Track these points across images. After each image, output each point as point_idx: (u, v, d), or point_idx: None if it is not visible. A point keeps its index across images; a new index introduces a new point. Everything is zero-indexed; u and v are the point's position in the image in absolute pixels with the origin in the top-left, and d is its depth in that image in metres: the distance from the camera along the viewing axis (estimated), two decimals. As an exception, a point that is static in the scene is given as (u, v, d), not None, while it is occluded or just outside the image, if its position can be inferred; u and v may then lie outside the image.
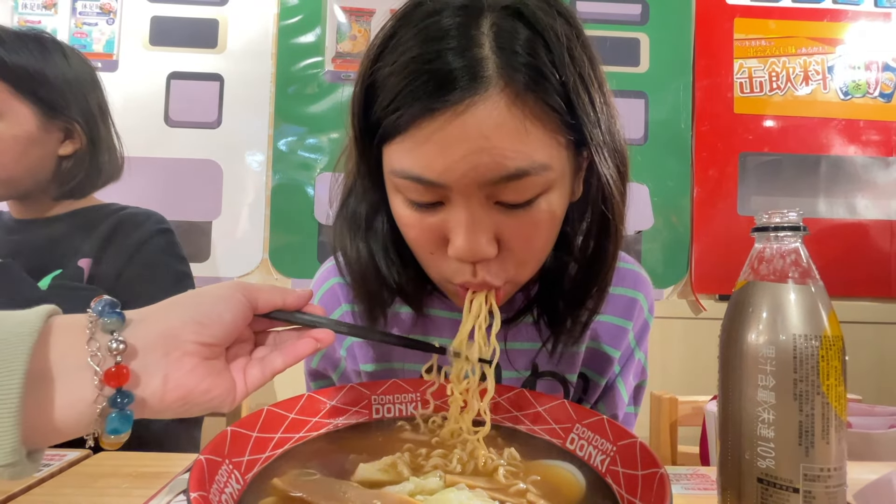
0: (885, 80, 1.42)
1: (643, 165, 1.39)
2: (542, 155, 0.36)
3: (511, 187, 0.36)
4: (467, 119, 0.34)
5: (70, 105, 0.70)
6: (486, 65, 0.35)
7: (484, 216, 0.37)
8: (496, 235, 0.38)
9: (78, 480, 0.43)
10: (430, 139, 0.35)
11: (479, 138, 0.34)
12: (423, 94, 0.34)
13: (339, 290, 0.55)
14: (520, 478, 0.33)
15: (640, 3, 1.41)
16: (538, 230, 0.39)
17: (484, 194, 0.37)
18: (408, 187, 0.38)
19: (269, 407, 0.36)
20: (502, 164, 0.35)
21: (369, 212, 0.47)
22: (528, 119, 0.35)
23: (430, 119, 0.35)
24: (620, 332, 0.52)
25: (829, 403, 0.31)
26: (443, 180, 0.36)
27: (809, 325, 0.31)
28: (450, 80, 0.34)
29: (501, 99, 0.34)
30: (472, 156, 0.35)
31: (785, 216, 0.33)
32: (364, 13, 1.40)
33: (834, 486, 0.31)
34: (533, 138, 0.36)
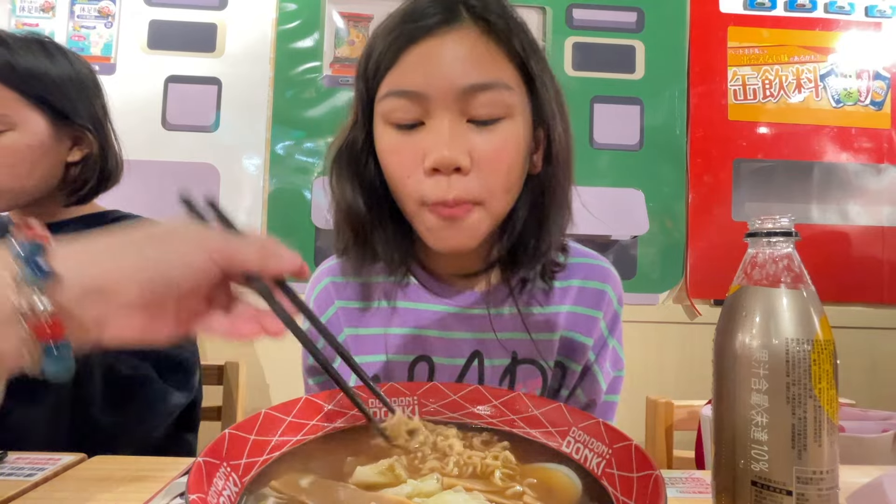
0: (877, 89, 1.44)
1: (638, 171, 1.41)
2: (504, 78, 0.45)
3: (480, 100, 0.44)
4: (444, 43, 0.44)
5: (78, 110, 0.70)
6: (459, 10, 0.45)
7: (459, 131, 0.44)
8: (469, 151, 0.44)
9: (72, 484, 0.43)
10: (414, 62, 0.44)
11: (453, 57, 0.44)
12: (407, 32, 0.45)
13: (332, 288, 0.57)
14: (516, 480, 0.33)
15: (636, 10, 1.43)
16: (503, 152, 0.45)
17: (458, 108, 0.44)
18: (394, 108, 0.45)
19: (266, 410, 0.37)
20: (473, 75, 0.44)
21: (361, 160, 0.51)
22: (493, 50, 0.45)
23: (413, 47, 0.44)
24: (591, 322, 0.56)
25: (822, 407, 0.31)
26: (425, 90, 0.44)
27: (801, 330, 0.32)
28: (428, 17, 0.45)
29: (471, 31, 0.45)
30: (448, 69, 0.44)
31: (777, 222, 0.34)
32: (362, 19, 1.40)
33: (826, 488, 0.31)
34: (498, 64, 0.45)
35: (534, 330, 0.53)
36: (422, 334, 0.54)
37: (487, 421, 0.41)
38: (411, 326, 0.54)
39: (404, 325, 0.54)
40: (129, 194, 0.78)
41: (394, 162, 0.47)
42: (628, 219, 1.39)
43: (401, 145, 0.46)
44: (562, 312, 0.55)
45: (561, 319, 0.55)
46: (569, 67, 1.41)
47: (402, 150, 0.46)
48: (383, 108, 0.46)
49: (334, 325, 0.55)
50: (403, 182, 0.46)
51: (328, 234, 1.39)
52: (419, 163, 0.45)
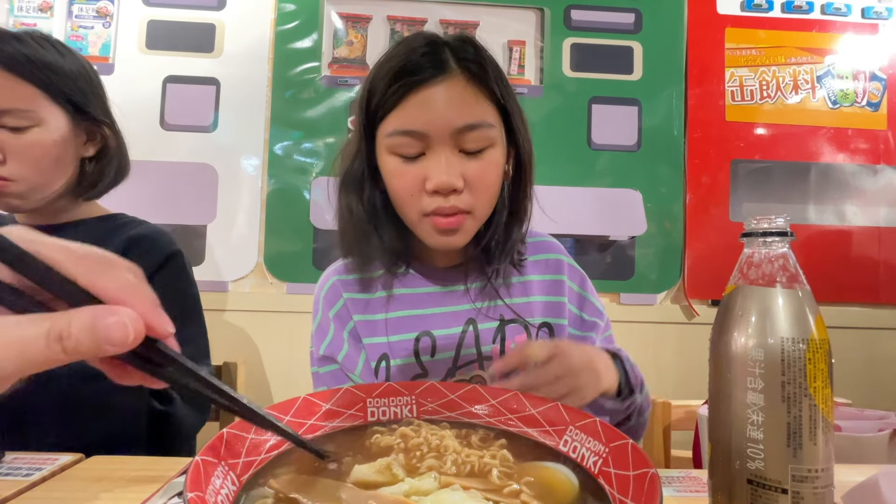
0: (873, 90, 1.45)
1: (636, 172, 1.41)
2: (489, 118, 0.57)
3: (471, 136, 0.56)
4: (438, 90, 0.55)
5: (93, 105, 0.70)
6: (448, 62, 0.56)
7: (454, 160, 0.56)
8: (462, 175, 0.56)
9: (70, 484, 0.43)
10: (415, 106, 0.55)
11: (448, 103, 0.55)
12: (407, 82, 0.55)
13: (339, 284, 0.66)
14: (514, 479, 0.33)
15: (634, 11, 1.43)
16: (487, 175, 0.58)
17: (453, 143, 0.56)
18: (399, 143, 0.56)
19: (264, 410, 0.37)
20: (465, 117, 0.55)
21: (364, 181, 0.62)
22: (478, 94, 0.57)
23: (413, 94, 0.55)
24: (558, 284, 0.68)
25: (817, 405, 0.31)
26: (426, 129, 0.55)
27: (797, 329, 0.32)
28: (425, 70, 0.55)
29: (460, 80, 0.56)
30: (444, 113, 0.55)
31: (773, 222, 0.34)
32: (361, 19, 1.41)
33: (822, 486, 0.31)
34: (482, 106, 0.57)
35: (512, 296, 0.65)
36: (421, 314, 0.64)
37: (485, 420, 0.42)
38: (409, 309, 0.64)
39: (404, 308, 0.64)
40: (128, 195, 0.78)
41: (400, 184, 0.58)
42: (626, 219, 1.40)
43: (406, 171, 0.57)
44: (532, 281, 0.67)
45: (532, 287, 0.67)
46: (567, 68, 1.41)
47: (407, 175, 0.57)
48: (390, 142, 0.57)
49: (344, 315, 0.64)
50: (407, 200, 0.58)
51: (327, 234, 1.39)
52: (421, 185, 0.56)
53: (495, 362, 0.50)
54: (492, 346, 0.63)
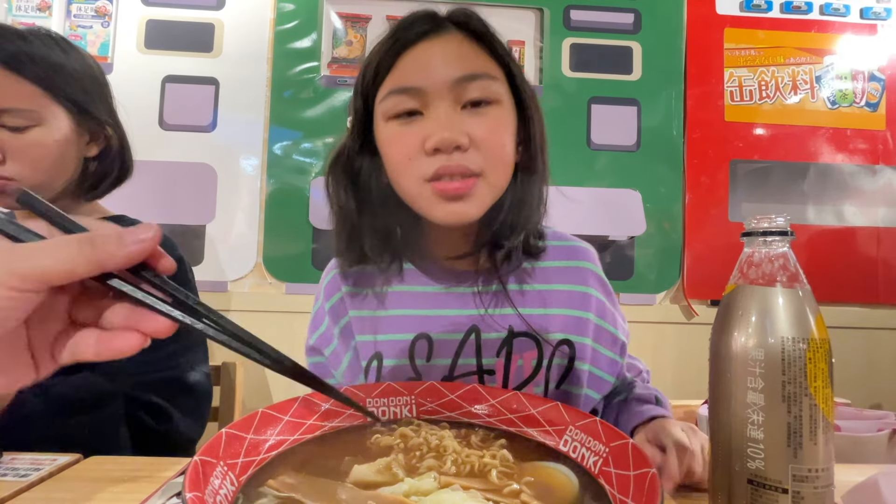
0: (872, 90, 1.45)
1: (636, 172, 1.41)
2: (491, 71, 0.52)
3: (471, 88, 0.50)
4: (434, 46, 0.51)
5: (97, 105, 0.69)
6: (444, 22, 0.53)
7: (455, 116, 0.50)
8: (467, 132, 0.49)
9: (68, 485, 0.43)
10: (411, 63, 0.51)
11: (444, 55, 0.51)
12: (401, 39, 0.51)
13: (339, 277, 0.61)
14: (514, 479, 0.33)
15: (633, 12, 1.44)
16: (495, 131, 0.51)
17: (453, 97, 0.50)
18: (394, 104, 0.51)
19: (263, 409, 0.36)
20: (463, 67, 0.50)
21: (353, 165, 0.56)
22: (477, 50, 0.52)
23: (408, 51, 0.51)
24: (583, 298, 0.60)
25: (817, 405, 0.31)
26: (422, 84, 0.50)
27: (797, 328, 0.32)
28: (419, 28, 0.52)
29: (457, 35, 0.52)
30: (441, 65, 0.50)
31: (773, 221, 0.34)
32: (360, 19, 1.41)
33: (822, 486, 0.31)
34: (483, 60, 0.52)
35: (526, 306, 0.57)
36: (419, 314, 0.58)
37: (485, 420, 0.41)
38: (408, 308, 0.58)
39: (401, 307, 0.58)
40: (126, 195, 0.77)
41: (397, 148, 0.51)
42: (625, 219, 1.40)
43: (403, 134, 0.51)
44: (553, 290, 0.59)
45: (553, 297, 0.59)
46: (566, 68, 1.41)
47: (405, 137, 0.51)
48: (384, 106, 0.51)
49: (340, 309, 0.60)
50: (405, 164, 0.51)
51: (326, 234, 1.39)
52: (420, 146, 0.50)
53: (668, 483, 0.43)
54: (496, 360, 0.56)
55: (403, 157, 0.51)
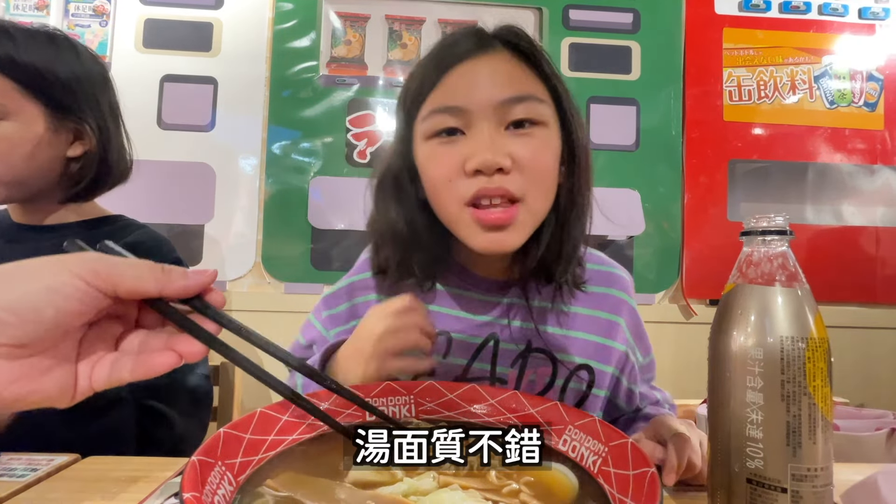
0: (870, 90, 1.46)
1: (634, 171, 1.41)
2: (538, 93, 0.50)
3: (518, 109, 0.48)
4: (481, 65, 0.50)
5: (80, 105, 0.68)
6: (491, 40, 0.52)
7: (498, 137, 0.48)
8: (509, 154, 0.47)
9: (66, 485, 0.43)
10: (455, 82, 0.50)
11: (491, 75, 0.49)
12: (447, 57, 0.50)
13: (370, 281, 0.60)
14: (513, 478, 0.33)
15: (632, 11, 1.44)
16: (539, 155, 0.49)
17: (497, 119, 0.48)
18: (436, 123, 0.49)
19: (262, 409, 0.36)
20: (509, 89, 0.49)
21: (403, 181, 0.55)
22: (524, 70, 0.51)
23: (453, 70, 0.50)
24: (613, 327, 0.59)
25: (816, 404, 0.31)
26: (466, 104, 0.48)
27: (796, 328, 0.32)
28: (466, 45, 0.51)
29: (504, 55, 0.51)
30: (487, 86, 0.49)
31: (772, 220, 0.34)
32: (359, 18, 1.40)
33: (821, 485, 0.31)
34: (529, 81, 0.51)
35: (548, 324, 0.57)
36: (444, 312, 0.58)
37: (484, 419, 0.41)
38: (435, 304, 0.58)
39: (427, 301, 0.57)
40: (124, 194, 0.77)
41: (436, 168, 0.50)
42: (624, 219, 1.40)
43: (443, 154, 0.49)
44: (579, 314, 0.58)
45: (578, 321, 0.58)
46: (565, 68, 1.41)
47: (445, 157, 0.49)
48: (426, 125, 0.50)
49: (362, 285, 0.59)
50: (445, 186, 0.49)
51: (325, 234, 1.38)
52: (461, 167, 0.48)
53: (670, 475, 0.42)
54: (509, 370, 0.56)
55: (443, 178, 0.49)
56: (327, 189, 1.35)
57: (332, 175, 1.36)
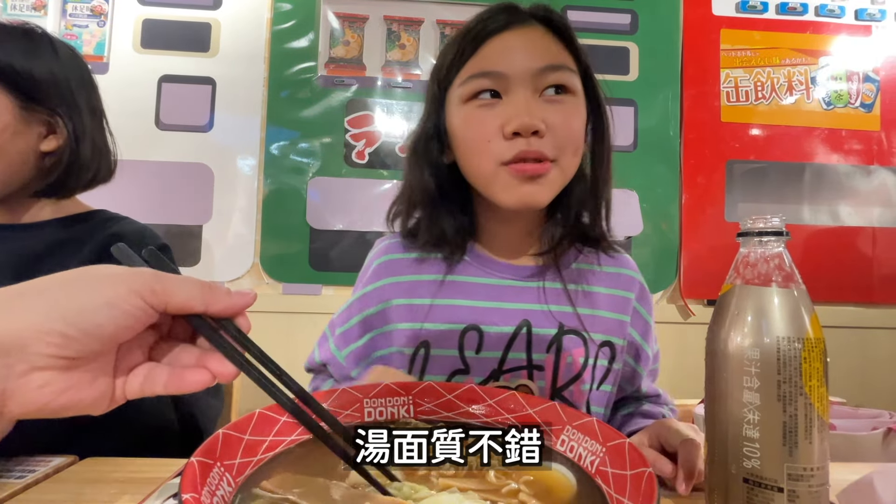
0: (866, 91, 1.46)
1: (633, 172, 1.42)
2: (570, 64, 0.54)
3: (552, 77, 0.52)
4: (517, 36, 0.53)
5: (52, 98, 0.67)
6: (526, 15, 0.55)
7: (534, 103, 0.52)
8: (543, 119, 0.51)
9: (64, 487, 0.43)
10: (494, 50, 0.53)
11: (528, 45, 0.53)
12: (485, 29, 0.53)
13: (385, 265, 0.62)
14: (512, 478, 0.33)
15: (630, 13, 1.44)
16: (570, 120, 0.54)
17: (533, 86, 0.52)
18: (474, 87, 0.53)
19: (260, 410, 0.36)
20: (545, 58, 0.53)
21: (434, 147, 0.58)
22: (557, 44, 0.55)
23: (491, 40, 0.53)
24: (624, 302, 0.63)
25: (812, 404, 0.31)
26: (506, 70, 0.52)
27: (792, 328, 0.32)
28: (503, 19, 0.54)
29: (539, 29, 0.55)
30: (524, 54, 0.52)
31: (769, 221, 0.34)
32: (357, 19, 1.40)
33: (817, 485, 0.31)
34: (562, 53, 0.55)
35: (578, 305, 0.59)
36: (472, 305, 0.58)
37: (482, 420, 0.42)
38: (462, 298, 0.58)
39: (455, 296, 0.58)
40: (122, 195, 0.77)
41: (475, 130, 0.53)
42: (622, 219, 1.40)
43: (481, 116, 0.53)
44: (600, 293, 0.61)
45: (600, 299, 0.61)
46: (563, 69, 1.41)
47: (483, 120, 0.53)
48: (463, 90, 0.54)
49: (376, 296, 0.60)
50: (483, 146, 0.53)
51: (323, 235, 1.38)
52: (499, 129, 0.52)
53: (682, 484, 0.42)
54: (545, 356, 0.56)
55: (481, 140, 0.53)
56: (326, 189, 1.35)
57: (330, 175, 1.36)
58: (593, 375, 0.58)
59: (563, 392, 0.57)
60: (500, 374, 0.56)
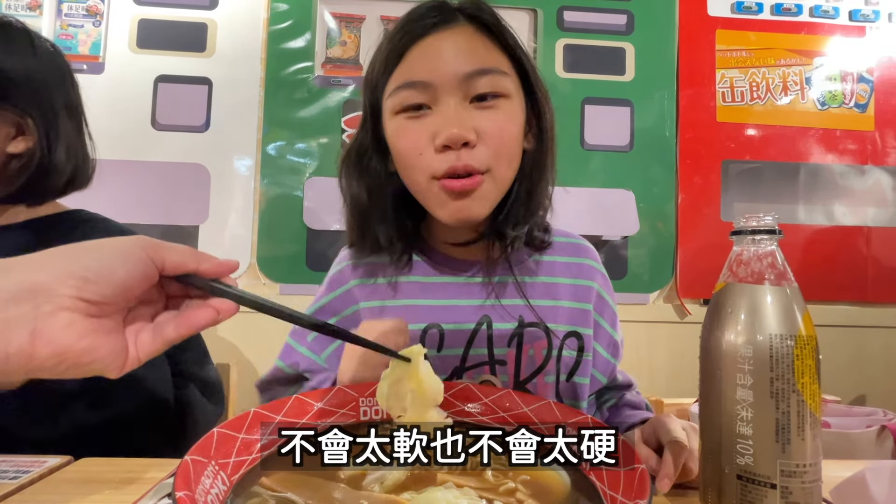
0: (860, 92, 1.47)
1: (629, 172, 1.42)
2: (501, 66, 0.52)
3: (482, 82, 0.50)
4: (444, 39, 0.51)
5: (24, 98, 0.63)
6: (454, 13, 0.52)
7: (464, 112, 0.50)
8: (474, 128, 0.49)
9: (58, 487, 0.43)
10: (419, 57, 0.51)
11: (454, 49, 0.50)
12: (410, 31, 0.51)
13: (349, 269, 0.62)
14: (508, 477, 0.33)
15: (626, 13, 1.44)
16: (504, 127, 0.51)
17: (462, 93, 0.50)
18: (402, 98, 0.51)
19: (255, 409, 0.36)
20: (473, 62, 0.50)
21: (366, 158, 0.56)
22: (487, 43, 0.52)
23: (416, 44, 0.51)
24: (586, 291, 0.62)
25: (805, 401, 0.32)
26: (430, 79, 0.50)
27: (785, 326, 0.32)
28: (428, 20, 0.51)
29: (467, 29, 0.52)
30: (450, 59, 0.50)
31: (761, 220, 0.34)
32: (354, 19, 1.40)
33: (810, 481, 0.32)
34: (492, 54, 0.52)
35: (534, 297, 0.58)
36: (429, 304, 0.58)
37: (477, 418, 0.42)
38: (419, 298, 0.58)
39: (410, 297, 0.58)
40: (119, 195, 0.77)
41: (406, 143, 0.52)
42: (619, 219, 1.41)
43: (411, 129, 0.51)
44: (560, 283, 0.60)
45: (560, 290, 0.60)
46: (560, 69, 1.42)
47: (414, 133, 0.51)
48: (393, 100, 0.52)
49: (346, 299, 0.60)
50: (415, 160, 0.51)
51: (320, 235, 1.38)
52: (430, 142, 0.50)
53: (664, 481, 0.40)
54: (507, 350, 0.56)
55: (413, 152, 0.51)
56: (322, 190, 1.35)
57: (327, 176, 1.36)
58: (558, 367, 0.57)
59: (527, 385, 0.57)
60: (463, 371, 0.56)
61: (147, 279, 0.30)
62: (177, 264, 0.31)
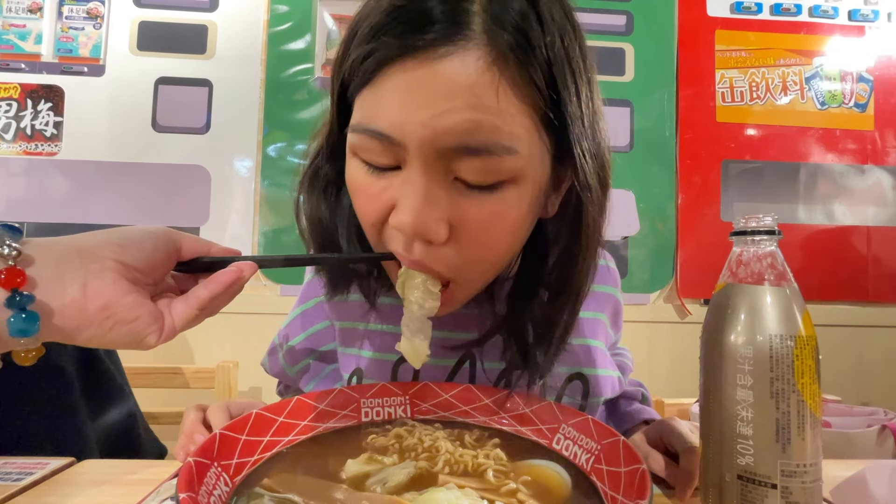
0: (860, 91, 1.47)
1: (629, 172, 1.42)
2: (511, 134, 0.33)
3: (472, 165, 0.33)
4: (439, 69, 0.31)
5: None
6: (471, 17, 0.32)
7: (439, 191, 0.33)
8: (449, 219, 0.34)
9: (61, 489, 0.43)
10: (393, 89, 0.32)
11: (446, 94, 0.31)
12: (397, 32, 0.32)
13: (326, 305, 0.52)
14: (510, 478, 0.33)
15: (625, 13, 1.45)
16: (496, 223, 0.35)
17: (443, 166, 0.33)
18: (364, 146, 0.35)
19: (258, 410, 0.37)
20: (465, 132, 0.32)
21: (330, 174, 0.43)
22: (505, 86, 0.32)
23: (400, 63, 0.32)
24: (594, 323, 0.52)
25: (805, 401, 0.32)
26: (401, 137, 0.32)
27: (785, 326, 0.32)
28: (428, 21, 0.31)
29: (481, 55, 0.31)
30: (433, 113, 0.31)
31: (761, 221, 0.35)
32: (354, 21, 1.41)
33: (810, 481, 0.32)
34: (505, 110, 0.32)
35: None
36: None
37: (479, 419, 0.42)
38: (394, 324, 0.46)
39: (386, 322, 0.47)
40: (119, 197, 0.77)
41: (360, 203, 0.38)
42: (619, 219, 1.40)
43: (369, 187, 0.36)
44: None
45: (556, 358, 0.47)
46: (559, 70, 1.42)
47: (370, 192, 0.36)
48: (353, 140, 0.36)
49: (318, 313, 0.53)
50: (367, 228, 0.38)
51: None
52: (387, 211, 0.35)
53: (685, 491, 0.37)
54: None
55: (366, 219, 0.37)
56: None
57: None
58: None
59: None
60: None
61: (170, 258, 0.34)
62: (190, 247, 0.36)
